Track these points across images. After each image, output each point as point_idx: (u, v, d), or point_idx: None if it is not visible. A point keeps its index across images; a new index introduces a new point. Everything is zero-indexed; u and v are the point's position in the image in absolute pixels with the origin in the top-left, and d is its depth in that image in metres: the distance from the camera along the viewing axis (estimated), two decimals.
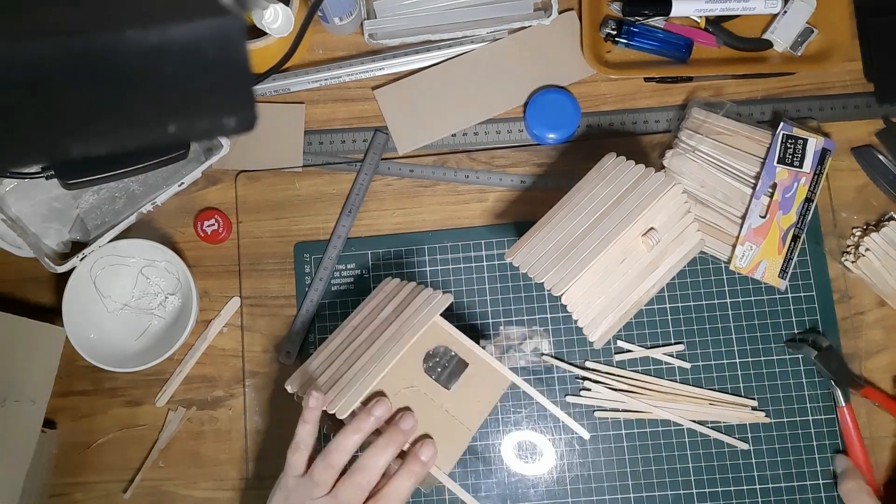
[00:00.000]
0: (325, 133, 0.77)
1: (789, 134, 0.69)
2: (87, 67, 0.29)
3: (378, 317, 0.64)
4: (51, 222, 0.72)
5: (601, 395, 0.70)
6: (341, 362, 0.62)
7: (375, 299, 0.67)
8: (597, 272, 0.61)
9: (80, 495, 0.72)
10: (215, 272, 0.75)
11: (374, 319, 0.64)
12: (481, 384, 0.62)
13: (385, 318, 0.64)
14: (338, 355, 0.63)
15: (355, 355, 0.62)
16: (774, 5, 0.75)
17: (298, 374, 0.64)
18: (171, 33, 0.29)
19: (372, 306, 0.66)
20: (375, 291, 0.68)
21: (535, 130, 0.74)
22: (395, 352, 0.60)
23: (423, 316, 0.61)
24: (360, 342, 0.63)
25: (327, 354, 0.64)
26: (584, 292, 0.61)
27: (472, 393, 0.61)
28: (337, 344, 0.64)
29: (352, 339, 0.64)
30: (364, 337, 0.63)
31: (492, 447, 0.70)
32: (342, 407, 0.57)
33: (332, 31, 0.77)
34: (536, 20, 0.75)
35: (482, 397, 0.62)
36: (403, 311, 0.63)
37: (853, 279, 0.72)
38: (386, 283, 0.68)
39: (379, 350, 0.61)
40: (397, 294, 0.65)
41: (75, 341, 0.68)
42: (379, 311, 0.65)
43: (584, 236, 0.62)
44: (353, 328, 0.65)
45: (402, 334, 0.61)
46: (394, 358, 0.59)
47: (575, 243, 0.62)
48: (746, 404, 0.70)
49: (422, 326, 0.61)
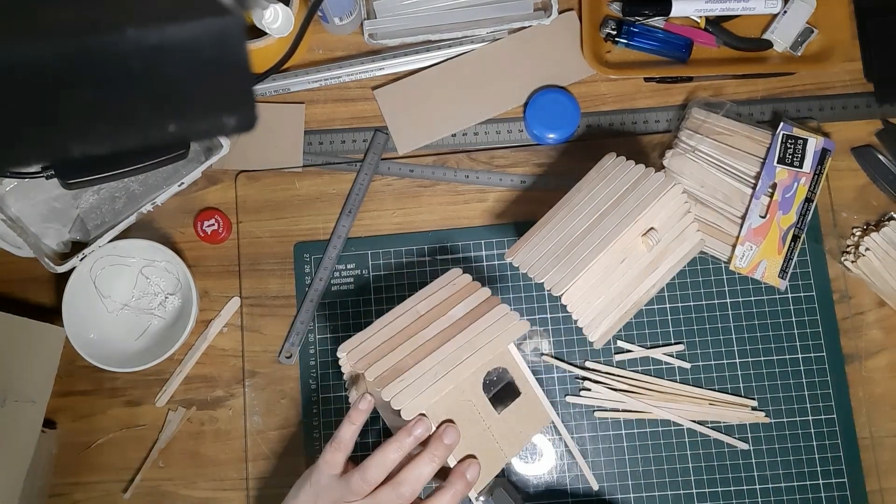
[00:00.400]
0: (325, 133, 0.77)
1: (789, 134, 0.69)
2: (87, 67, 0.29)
3: (447, 314, 0.62)
4: (51, 222, 0.72)
5: (601, 395, 0.70)
6: (406, 352, 0.59)
7: (444, 290, 0.64)
8: (597, 272, 0.61)
9: (80, 495, 0.72)
10: (215, 272, 0.75)
11: (442, 315, 0.62)
12: (527, 416, 0.61)
13: (456, 321, 0.61)
14: (402, 342, 0.60)
15: (423, 350, 0.59)
16: (774, 5, 0.75)
17: (354, 343, 0.61)
18: (171, 33, 0.29)
19: (440, 299, 0.63)
20: (442, 280, 0.65)
21: (535, 130, 0.74)
22: (467, 366, 0.57)
23: (498, 338, 0.59)
24: (428, 338, 0.60)
25: (389, 335, 0.61)
26: (584, 292, 0.61)
27: (517, 422, 0.60)
28: (401, 327, 0.61)
29: (419, 329, 0.61)
30: (432, 333, 0.60)
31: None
32: (409, 407, 0.55)
33: (332, 31, 0.77)
34: (536, 20, 0.75)
35: (524, 429, 0.61)
36: (476, 321, 0.61)
37: (853, 279, 0.72)
38: (455, 274, 0.65)
39: (449, 357, 0.58)
40: (469, 297, 0.63)
41: (75, 341, 0.68)
42: (448, 308, 0.62)
43: (584, 236, 0.62)
44: (419, 315, 0.62)
45: (475, 349, 0.59)
46: (466, 372, 0.57)
47: (575, 243, 0.62)
48: (746, 404, 0.70)
49: (496, 349, 0.59)
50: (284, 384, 0.72)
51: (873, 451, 0.69)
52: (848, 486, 0.69)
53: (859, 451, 0.69)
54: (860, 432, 0.69)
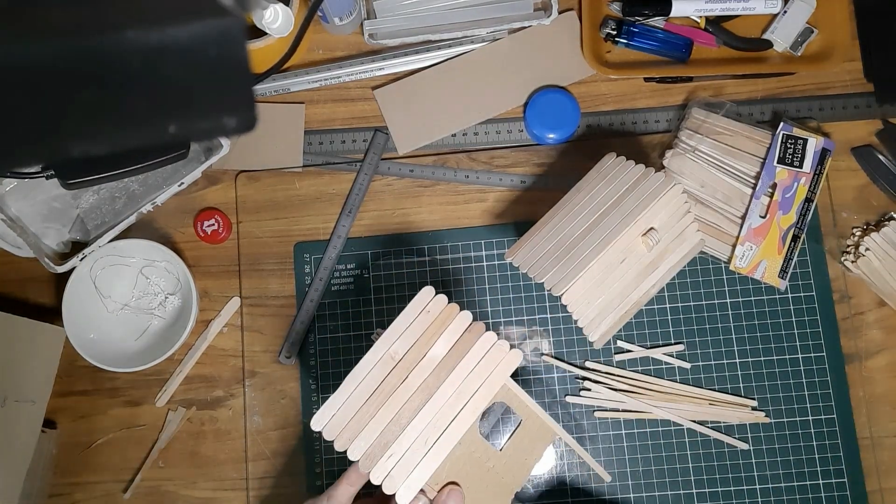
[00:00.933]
0: (325, 133, 0.77)
1: (789, 134, 0.69)
2: (88, 67, 0.29)
3: (428, 355, 0.55)
4: (51, 222, 0.72)
5: (601, 395, 0.70)
6: (389, 416, 0.53)
7: (420, 322, 0.55)
8: (597, 272, 0.61)
9: (80, 495, 0.72)
10: (215, 272, 0.75)
11: (422, 357, 0.54)
12: (529, 439, 0.57)
13: (440, 362, 0.55)
14: (382, 402, 0.53)
15: (409, 409, 0.53)
16: (774, 5, 0.75)
17: (327, 414, 0.54)
18: (172, 33, 0.29)
19: (416, 334, 0.55)
20: (416, 306, 0.56)
21: (535, 130, 0.74)
22: (461, 423, 0.53)
23: (491, 378, 0.54)
24: (412, 391, 0.54)
25: (365, 395, 0.54)
26: (584, 292, 0.61)
27: (521, 450, 0.57)
28: (377, 381, 0.54)
29: (399, 381, 0.54)
30: (415, 384, 0.54)
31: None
32: (404, 493, 0.51)
33: (332, 31, 0.77)
34: (536, 20, 0.75)
35: (529, 454, 0.57)
36: (463, 359, 0.54)
37: (853, 279, 0.72)
38: (428, 296, 0.56)
39: (439, 414, 0.53)
40: (449, 326, 0.55)
41: (75, 341, 0.68)
42: (428, 346, 0.55)
43: (583, 236, 0.62)
44: (396, 361, 0.55)
45: (467, 396, 0.53)
46: (461, 430, 0.53)
47: (575, 243, 0.62)
48: (746, 404, 0.70)
49: (491, 391, 0.54)
50: (284, 384, 0.72)
51: (873, 451, 0.69)
52: (848, 486, 0.69)
53: (859, 451, 0.69)
54: (860, 432, 0.69)
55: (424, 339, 0.55)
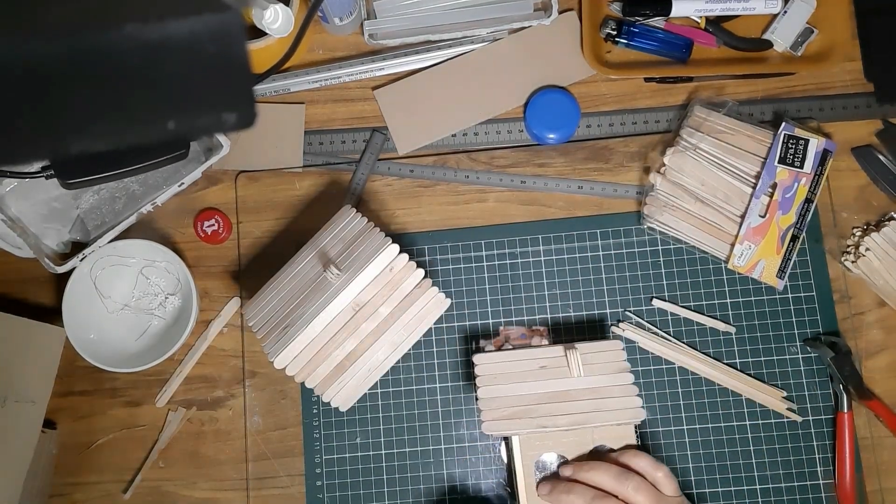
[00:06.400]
0: (325, 133, 0.77)
1: (791, 134, 0.69)
2: (87, 64, 0.29)
3: (384, 304, 0.64)
4: (51, 222, 0.72)
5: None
6: (343, 354, 0.62)
7: (383, 277, 0.64)
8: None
9: (80, 495, 0.72)
10: (215, 272, 0.75)
11: (379, 305, 0.64)
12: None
13: (392, 312, 0.65)
14: (342, 342, 0.63)
15: (359, 351, 0.64)
16: (774, 5, 0.75)
17: (288, 356, 0.64)
18: (171, 29, 0.29)
19: (379, 285, 0.64)
20: (382, 261, 0.63)
21: (535, 130, 0.74)
22: (395, 354, 0.64)
23: (426, 320, 0.64)
24: (365, 334, 0.63)
25: (326, 335, 0.64)
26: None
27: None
28: (341, 322, 0.63)
29: (358, 324, 0.64)
30: (369, 328, 0.63)
31: (492, 447, 0.70)
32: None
33: (332, 32, 0.77)
34: (536, 20, 0.76)
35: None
36: (409, 309, 0.64)
37: (853, 279, 0.72)
38: (394, 254, 0.64)
39: (380, 353, 0.62)
40: (405, 280, 0.64)
41: (75, 341, 0.68)
42: (386, 296, 0.64)
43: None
44: (356, 310, 0.64)
45: (404, 336, 0.64)
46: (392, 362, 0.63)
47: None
48: (777, 394, 0.70)
49: (419, 332, 0.64)
50: (284, 384, 0.72)
51: (873, 451, 0.69)
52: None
53: (859, 451, 0.69)
54: (860, 432, 0.69)
55: (384, 292, 0.63)
